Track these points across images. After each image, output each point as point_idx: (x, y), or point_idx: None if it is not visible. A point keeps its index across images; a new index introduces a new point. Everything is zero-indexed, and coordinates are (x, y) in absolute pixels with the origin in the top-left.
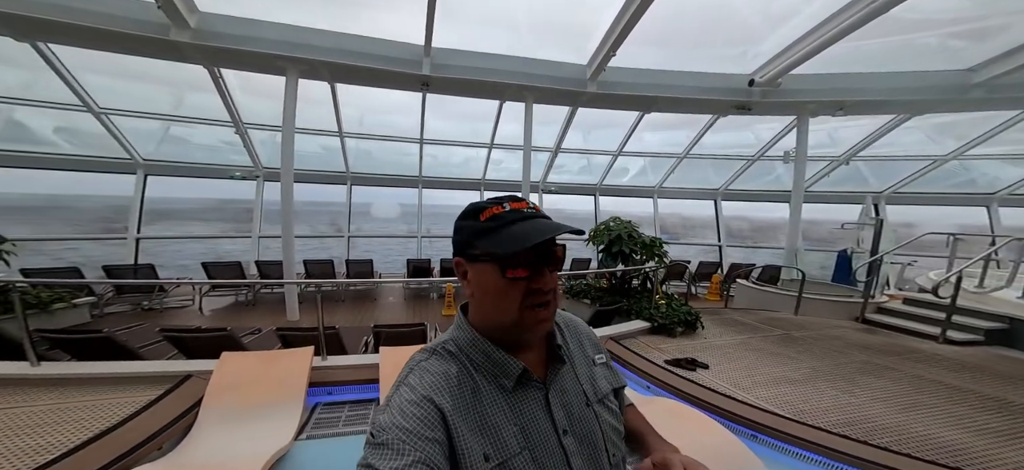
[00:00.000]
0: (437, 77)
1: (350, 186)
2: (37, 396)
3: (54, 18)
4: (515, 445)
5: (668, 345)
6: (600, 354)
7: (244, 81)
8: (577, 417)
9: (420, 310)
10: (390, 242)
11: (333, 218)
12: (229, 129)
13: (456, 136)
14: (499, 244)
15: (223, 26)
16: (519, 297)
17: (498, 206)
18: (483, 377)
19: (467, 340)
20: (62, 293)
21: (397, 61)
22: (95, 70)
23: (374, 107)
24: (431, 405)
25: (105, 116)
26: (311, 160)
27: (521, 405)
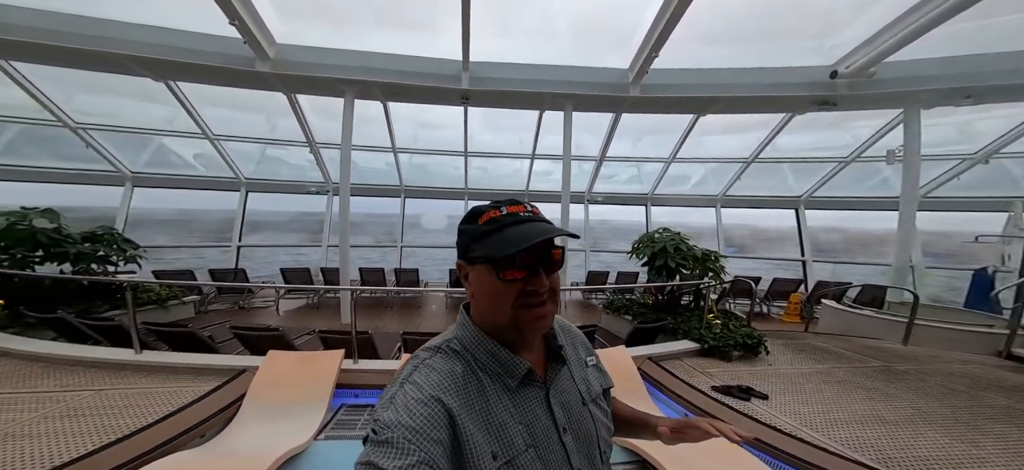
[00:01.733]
0: (476, 90)
1: (403, 199)
2: (134, 380)
3: (178, 59)
4: (521, 443)
5: (719, 370)
6: (591, 356)
7: (316, 104)
8: (575, 416)
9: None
10: (437, 252)
11: (388, 229)
12: (306, 149)
13: (507, 148)
14: (494, 247)
15: (293, 55)
16: (514, 298)
17: (495, 210)
18: (488, 376)
19: (472, 339)
20: (176, 291)
21: (438, 77)
22: (211, 102)
23: (427, 122)
24: (439, 405)
25: (218, 142)
26: (373, 175)
27: (524, 404)
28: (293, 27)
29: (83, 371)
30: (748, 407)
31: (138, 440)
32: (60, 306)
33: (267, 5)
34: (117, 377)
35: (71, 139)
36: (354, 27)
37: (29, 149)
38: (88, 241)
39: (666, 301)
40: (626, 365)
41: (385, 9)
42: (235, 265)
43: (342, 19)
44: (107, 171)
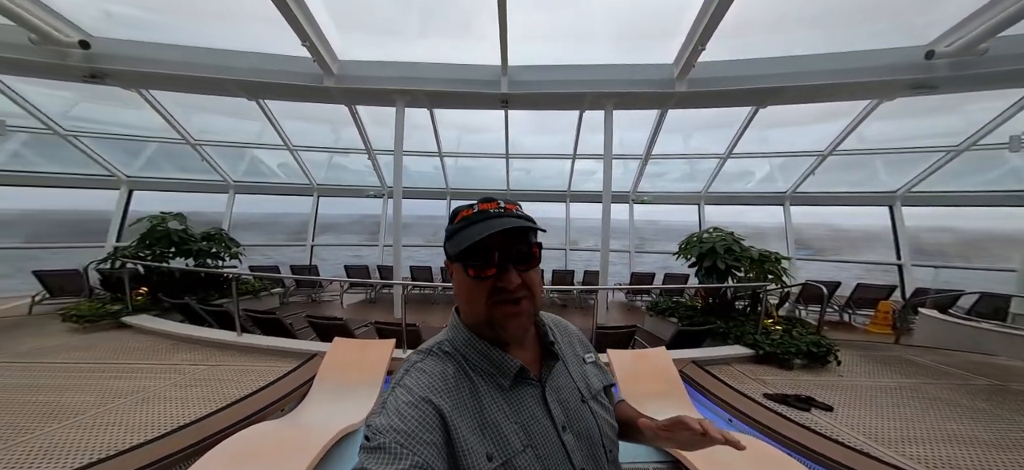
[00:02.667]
0: (515, 94)
1: (449, 201)
2: (235, 358)
3: (265, 80)
4: (518, 443)
5: (776, 378)
6: (590, 353)
7: (373, 114)
8: (574, 414)
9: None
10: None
11: (436, 230)
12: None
13: (551, 149)
14: (456, 245)
15: (352, 70)
16: (486, 296)
17: (469, 208)
18: (480, 376)
19: (463, 340)
20: (266, 283)
21: (478, 82)
22: (290, 116)
23: (472, 126)
24: (430, 406)
25: (296, 153)
26: (423, 178)
27: (519, 403)
28: (352, 44)
29: (200, 348)
30: (806, 418)
31: (235, 409)
32: (186, 294)
33: (330, 25)
34: (223, 354)
35: (191, 153)
36: (403, 39)
37: (163, 163)
38: (205, 240)
39: (717, 304)
40: (665, 366)
41: (429, 20)
42: (309, 262)
43: (392, 32)
44: (216, 180)
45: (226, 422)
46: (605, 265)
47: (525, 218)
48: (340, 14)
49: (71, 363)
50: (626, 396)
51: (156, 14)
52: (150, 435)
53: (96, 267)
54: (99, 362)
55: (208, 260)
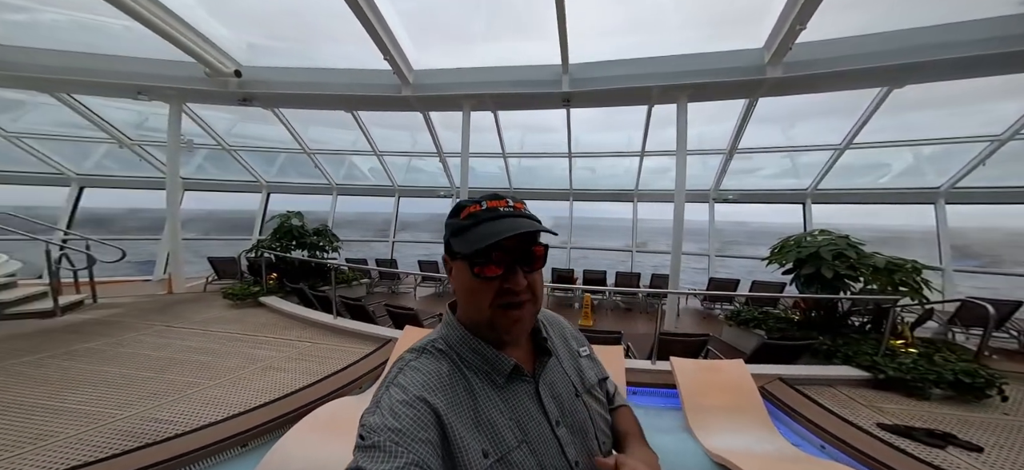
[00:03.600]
0: (576, 92)
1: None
2: (331, 338)
3: (357, 93)
4: (513, 439)
5: (899, 407)
6: (584, 347)
7: (443, 119)
8: (568, 408)
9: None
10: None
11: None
12: (436, 158)
13: (616, 146)
14: (466, 243)
15: (425, 78)
16: (490, 296)
17: (476, 205)
18: (475, 374)
19: (457, 338)
20: (357, 274)
21: (539, 83)
22: (376, 124)
23: (536, 125)
24: (425, 405)
25: (382, 158)
26: (489, 179)
27: (514, 399)
28: (425, 54)
29: (306, 327)
30: (939, 458)
31: (325, 384)
32: (301, 280)
33: (405, 37)
34: (322, 334)
35: (307, 161)
36: (469, 46)
37: (289, 170)
38: (315, 235)
39: (821, 318)
40: (740, 380)
41: (492, 24)
42: (391, 256)
43: (459, 39)
44: (323, 184)
45: (317, 394)
46: (676, 269)
47: (535, 219)
48: (413, 27)
49: (225, 332)
50: (689, 409)
51: (282, 41)
52: (267, 399)
53: (245, 255)
54: (243, 333)
55: (317, 252)
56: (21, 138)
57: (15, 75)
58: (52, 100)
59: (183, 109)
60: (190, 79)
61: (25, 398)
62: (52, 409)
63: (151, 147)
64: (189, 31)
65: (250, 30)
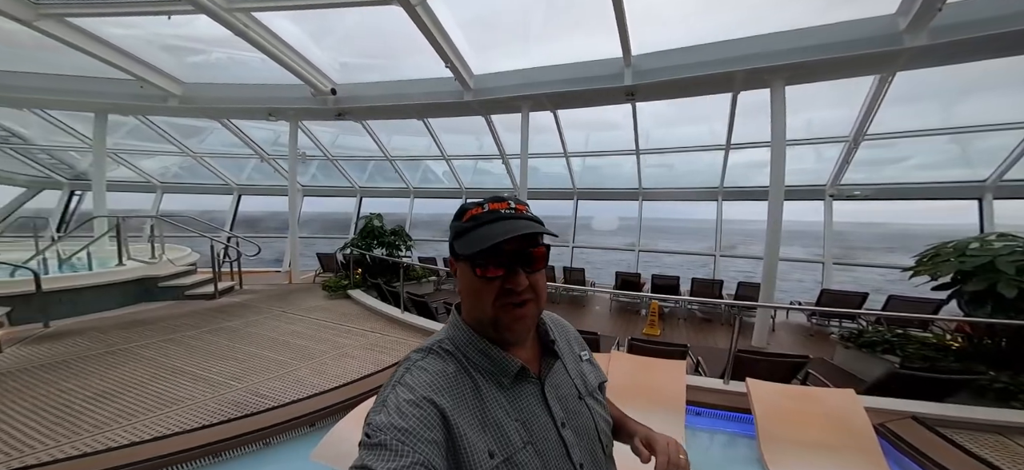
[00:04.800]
0: (642, 85)
1: (576, 201)
2: (397, 331)
3: (425, 101)
4: (518, 440)
5: None
6: (585, 351)
7: (505, 121)
8: (572, 411)
9: (622, 323)
10: (609, 254)
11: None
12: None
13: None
14: (466, 245)
15: (485, 82)
16: (492, 297)
17: (478, 207)
18: (481, 375)
19: (464, 339)
20: (425, 272)
21: (598, 78)
22: (447, 130)
23: (602, 123)
24: (431, 406)
25: (449, 162)
26: (552, 180)
27: (519, 401)
28: (483, 58)
29: (378, 319)
30: None
31: (384, 374)
32: (379, 276)
33: (465, 44)
34: (390, 326)
35: (389, 168)
36: (526, 47)
37: (377, 176)
38: (392, 234)
39: (997, 347)
40: (848, 412)
41: (549, 22)
42: None
43: (516, 41)
44: (402, 187)
45: (375, 383)
46: (771, 277)
47: (536, 221)
48: (472, 34)
49: (320, 320)
50: (765, 440)
51: (367, 58)
52: (337, 383)
53: (340, 252)
54: (332, 322)
55: (393, 251)
56: (202, 158)
57: (197, 107)
58: (217, 124)
59: (299, 126)
60: (302, 99)
61: (180, 364)
62: (192, 375)
63: (282, 160)
64: (298, 57)
65: (342, 51)
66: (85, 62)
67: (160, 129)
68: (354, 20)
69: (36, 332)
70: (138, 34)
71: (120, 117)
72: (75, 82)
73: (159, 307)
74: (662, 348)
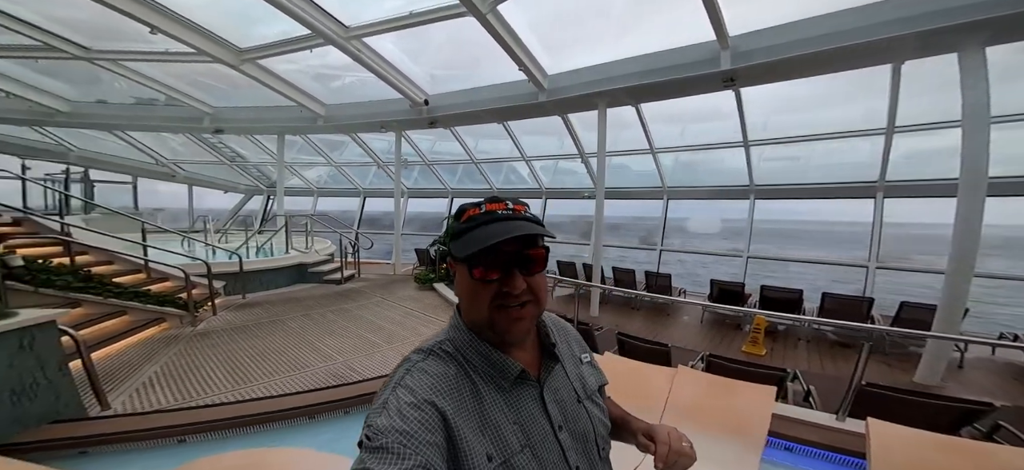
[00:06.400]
0: (743, 68)
1: (666, 200)
2: None
3: (500, 106)
4: (516, 443)
5: None
6: (586, 353)
7: (583, 119)
8: (570, 414)
9: (715, 338)
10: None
11: (650, 231)
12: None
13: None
14: (464, 246)
15: (559, 82)
16: (489, 299)
17: (476, 208)
18: (481, 377)
19: (464, 340)
20: None
21: (687, 66)
22: (526, 131)
23: (704, 114)
24: (433, 408)
25: (529, 163)
26: (642, 178)
27: (518, 403)
28: (557, 58)
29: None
30: None
31: None
32: None
33: (536, 45)
34: None
35: (475, 171)
36: (599, 42)
37: (466, 179)
38: None
39: None
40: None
41: (623, 15)
42: None
43: (589, 39)
44: (485, 188)
45: None
46: (957, 297)
47: (534, 221)
48: (544, 34)
49: (409, 309)
50: None
51: (452, 69)
52: None
53: (430, 247)
54: (418, 311)
55: None
56: (341, 167)
57: (334, 124)
58: (347, 138)
59: (403, 135)
60: (404, 112)
61: (309, 336)
62: (313, 346)
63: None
64: (399, 74)
65: (431, 64)
66: (269, 94)
67: (315, 145)
68: (439, 34)
69: (237, 301)
70: (298, 68)
71: (290, 136)
72: (265, 112)
73: (306, 287)
74: (751, 370)
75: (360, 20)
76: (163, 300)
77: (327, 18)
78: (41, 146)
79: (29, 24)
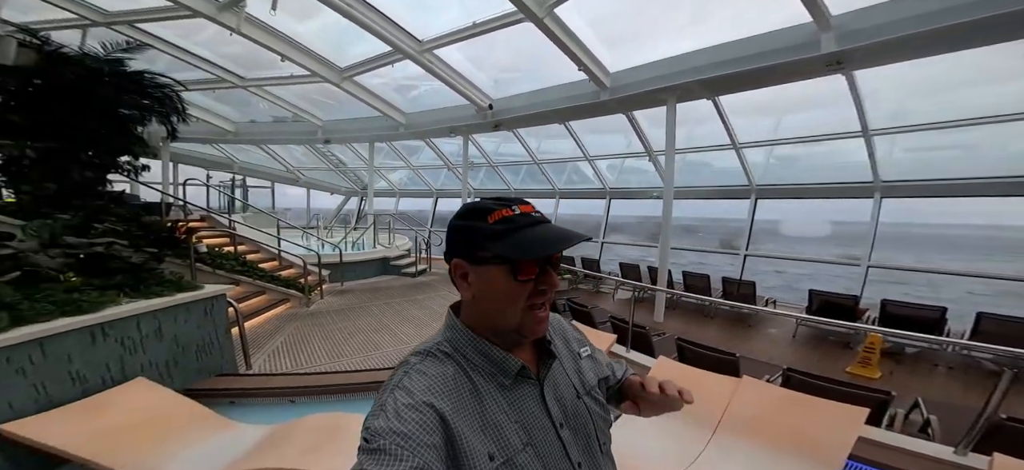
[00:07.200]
0: (855, 48)
1: (754, 200)
2: None
3: (563, 106)
4: (518, 442)
5: None
6: (585, 348)
7: (650, 116)
8: (570, 411)
9: (812, 355)
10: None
11: (732, 234)
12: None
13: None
14: (517, 248)
15: (622, 79)
16: (525, 299)
17: (507, 209)
18: (481, 376)
19: (463, 340)
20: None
21: (781, 51)
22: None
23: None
24: (431, 410)
25: (592, 163)
26: (726, 175)
27: (519, 402)
28: (618, 55)
29: None
30: None
31: None
32: None
33: (596, 43)
34: None
35: (537, 171)
36: (665, 35)
37: (528, 179)
38: None
39: None
40: None
41: (697, 7)
42: (598, 257)
43: (655, 32)
44: (549, 189)
45: None
46: None
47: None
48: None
49: None
50: None
51: (513, 72)
52: None
53: None
54: None
55: None
56: (417, 170)
57: (412, 131)
58: (422, 143)
59: (470, 139)
60: (470, 116)
61: (386, 321)
62: (390, 330)
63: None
64: (465, 81)
65: (494, 69)
66: (362, 107)
67: (397, 150)
68: (501, 39)
69: (337, 288)
70: (383, 81)
71: (378, 143)
72: (360, 122)
73: (387, 279)
74: (841, 389)
75: (429, 33)
76: (289, 284)
77: (403, 34)
78: (216, 159)
79: (206, 60)
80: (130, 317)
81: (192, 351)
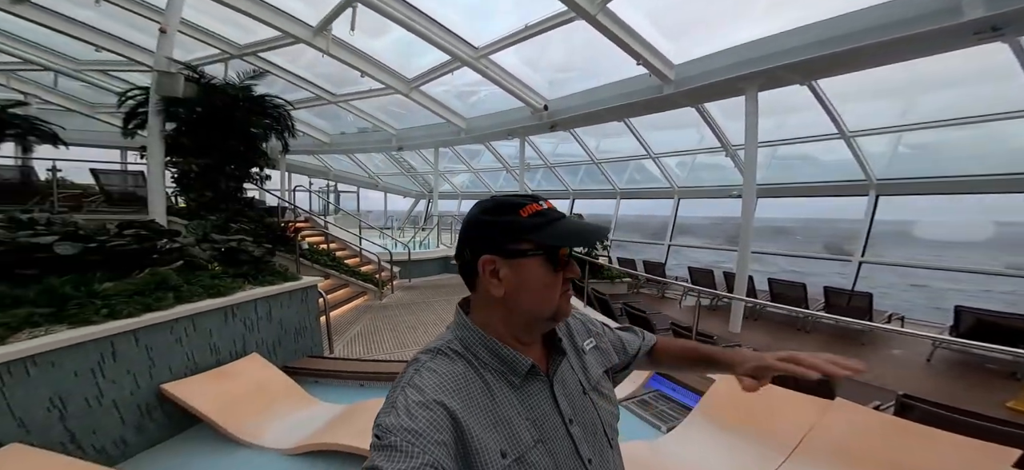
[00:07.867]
0: (1014, 9)
1: (873, 197)
2: None
3: (621, 104)
4: (529, 439)
5: None
6: (590, 339)
7: (726, 107)
8: (578, 407)
9: (952, 383)
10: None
11: (834, 237)
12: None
13: None
14: (560, 238)
15: (689, 70)
16: (560, 287)
17: (536, 203)
18: (491, 374)
19: (473, 338)
20: (619, 272)
21: (912, 21)
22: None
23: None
24: (441, 408)
25: (657, 161)
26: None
27: (530, 399)
28: (682, 45)
29: None
30: None
31: None
32: None
33: (656, 35)
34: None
35: (596, 171)
36: (742, 17)
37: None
38: None
39: None
40: None
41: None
42: (664, 261)
43: (726, 16)
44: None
45: None
46: None
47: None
48: (665, 23)
49: None
50: None
51: (568, 72)
52: None
53: None
54: None
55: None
56: (477, 173)
57: (472, 135)
58: (482, 146)
59: (526, 140)
60: (526, 118)
61: (444, 316)
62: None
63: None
64: (520, 84)
65: (549, 69)
66: (428, 115)
67: (460, 154)
68: (556, 38)
69: (406, 284)
70: (446, 89)
71: (443, 148)
72: (426, 129)
73: (448, 276)
74: (985, 425)
75: (484, 40)
76: (367, 278)
77: (460, 42)
78: (316, 168)
79: (306, 80)
80: (251, 301)
81: (292, 333)
